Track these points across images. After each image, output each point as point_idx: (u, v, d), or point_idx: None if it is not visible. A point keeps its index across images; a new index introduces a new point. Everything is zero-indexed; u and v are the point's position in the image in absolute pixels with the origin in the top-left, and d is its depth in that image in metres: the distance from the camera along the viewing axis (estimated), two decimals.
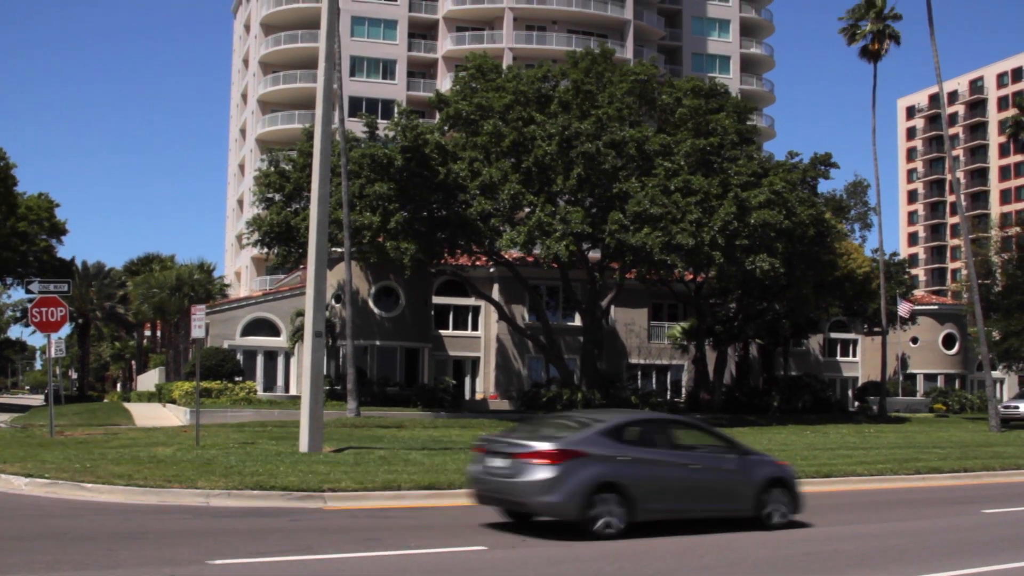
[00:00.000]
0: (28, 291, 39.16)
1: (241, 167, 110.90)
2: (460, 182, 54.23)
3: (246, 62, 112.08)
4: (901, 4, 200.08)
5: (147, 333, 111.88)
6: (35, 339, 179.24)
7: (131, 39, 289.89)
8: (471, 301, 66.67)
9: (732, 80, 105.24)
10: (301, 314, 52.99)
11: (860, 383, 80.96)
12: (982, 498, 26.40)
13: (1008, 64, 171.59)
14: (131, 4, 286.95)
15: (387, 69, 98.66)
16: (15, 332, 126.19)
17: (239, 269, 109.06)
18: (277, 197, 57.90)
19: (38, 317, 35.53)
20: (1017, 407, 67.82)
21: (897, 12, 69.54)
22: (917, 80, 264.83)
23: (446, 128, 58.06)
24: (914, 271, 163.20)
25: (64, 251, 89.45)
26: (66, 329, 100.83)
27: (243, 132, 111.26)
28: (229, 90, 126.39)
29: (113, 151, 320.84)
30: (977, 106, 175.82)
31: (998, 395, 76.84)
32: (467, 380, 67.64)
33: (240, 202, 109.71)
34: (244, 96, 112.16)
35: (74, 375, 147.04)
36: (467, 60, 60.17)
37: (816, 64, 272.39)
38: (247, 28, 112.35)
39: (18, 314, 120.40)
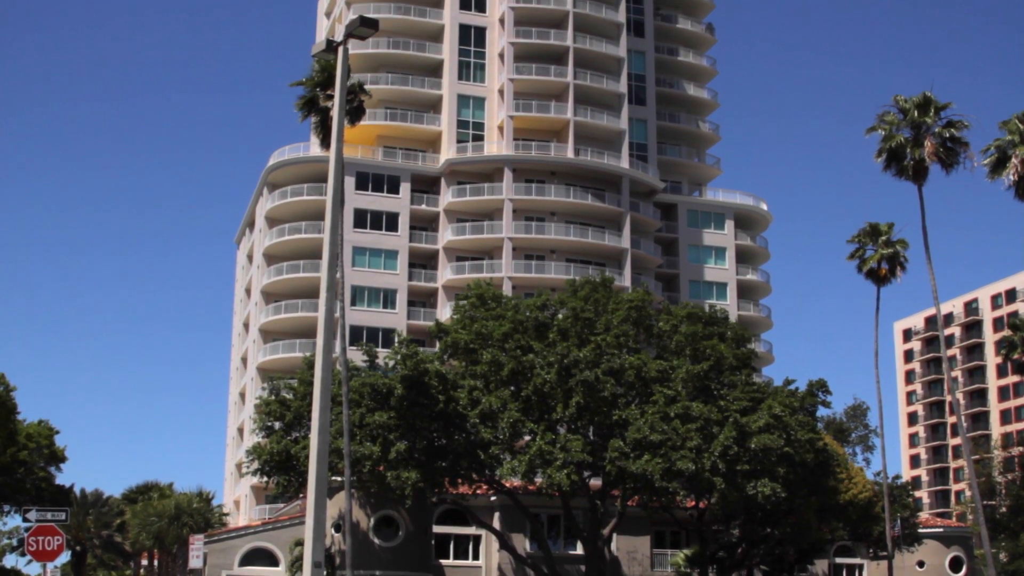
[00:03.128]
0: (25, 519, 38.99)
1: (242, 395, 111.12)
2: (460, 411, 54.52)
3: (248, 291, 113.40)
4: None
5: (144, 562, 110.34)
6: (31, 568, 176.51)
7: (132, 265, 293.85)
8: (472, 530, 66.01)
9: (729, 306, 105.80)
10: (300, 544, 52.56)
11: None
12: None
13: (1002, 286, 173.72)
14: (133, 225, 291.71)
15: (388, 298, 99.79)
16: (10, 560, 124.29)
17: (238, 497, 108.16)
18: (277, 425, 58.13)
19: (34, 546, 35.27)
20: None
21: (905, 240, 70.69)
22: (912, 302, 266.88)
23: (446, 356, 58.63)
24: (918, 494, 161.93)
25: (62, 477, 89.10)
26: (63, 558, 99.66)
27: (244, 360, 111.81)
28: (231, 319, 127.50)
29: (112, 376, 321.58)
30: (973, 327, 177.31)
31: None
32: None
33: (240, 430, 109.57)
34: (246, 325, 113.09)
35: None
36: (468, 288, 61.16)
37: (811, 285, 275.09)
38: (250, 258, 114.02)
39: (14, 542, 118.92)
